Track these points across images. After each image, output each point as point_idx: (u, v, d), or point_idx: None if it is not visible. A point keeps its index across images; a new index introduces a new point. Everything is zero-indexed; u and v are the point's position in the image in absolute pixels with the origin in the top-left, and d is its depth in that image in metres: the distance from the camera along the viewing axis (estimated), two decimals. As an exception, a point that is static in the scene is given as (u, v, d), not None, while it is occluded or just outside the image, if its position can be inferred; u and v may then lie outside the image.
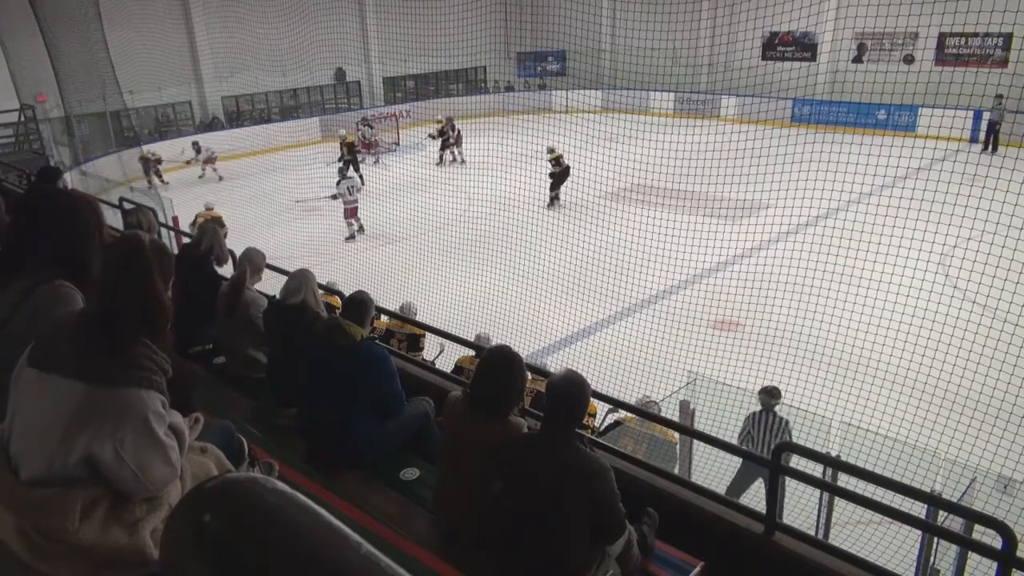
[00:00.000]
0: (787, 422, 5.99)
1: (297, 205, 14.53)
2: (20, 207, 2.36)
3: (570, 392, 2.46)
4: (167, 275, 1.82)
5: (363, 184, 15.16)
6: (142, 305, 1.73)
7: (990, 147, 18.68)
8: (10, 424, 1.70)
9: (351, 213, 14.35)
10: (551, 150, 15.69)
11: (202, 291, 4.57)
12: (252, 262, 4.31)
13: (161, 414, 1.74)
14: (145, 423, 1.69)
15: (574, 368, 2.73)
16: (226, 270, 5.82)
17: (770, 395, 6.07)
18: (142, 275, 1.74)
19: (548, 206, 15.50)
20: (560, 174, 15.61)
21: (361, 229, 14.47)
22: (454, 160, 20.62)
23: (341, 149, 17.46)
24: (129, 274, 1.74)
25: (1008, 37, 20.05)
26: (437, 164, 20.25)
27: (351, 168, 16.51)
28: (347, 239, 14.24)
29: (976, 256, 7.86)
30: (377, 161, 20.70)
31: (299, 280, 3.84)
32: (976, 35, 20.50)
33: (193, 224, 14.22)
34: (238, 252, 5.57)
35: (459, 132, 20.48)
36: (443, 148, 20.47)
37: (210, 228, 4.88)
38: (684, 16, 19.91)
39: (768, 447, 5.71)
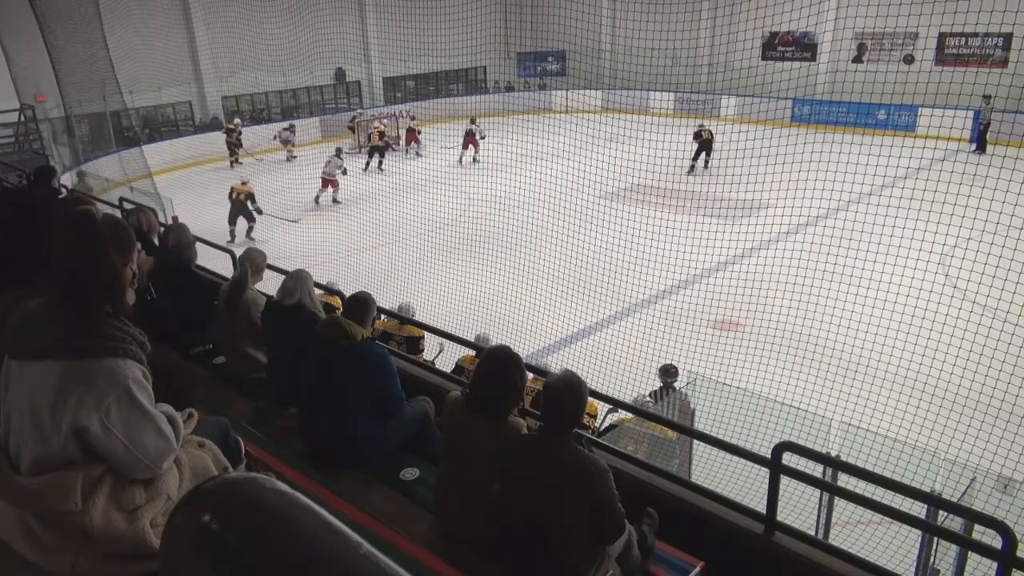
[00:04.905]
0: (686, 394, 6.34)
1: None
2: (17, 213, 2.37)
3: (567, 393, 2.46)
4: (123, 247, 1.86)
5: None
6: (102, 277, 1.77)
7: (979, 147, 18.67)
8: (6, 422, 1.72)
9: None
10: (701, 125, 18.60)
11: (197, 292, 4.58)
12: (253, 262, 4.31)
13: (142, 383, 1.76)
14: (127, 392, 1.71)
15: (574, 368, 2.73)
16: (224, 268, 5.83)
17: (668, 373, 6.61)
18: (96, 248, 1.78)
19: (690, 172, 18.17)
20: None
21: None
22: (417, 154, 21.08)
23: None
24: (84, 249, 1.78)
25: (1008, 37, 20.04)
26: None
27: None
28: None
29: (976, 256, 7.86)
30: (378, 164, 20.61)
31: (295, 281, 3.84)
32: (976, 35, 20.50)
33: (230, 195, 14.50)
34: (236, 251, 5.59)
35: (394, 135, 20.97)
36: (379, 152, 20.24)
37: (175, 228, 4.84)
38: (684, 16, 19.90)
39: (672, 418, 6.07)
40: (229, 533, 0.76)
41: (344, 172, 16.79)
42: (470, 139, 20.24)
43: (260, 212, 14.52)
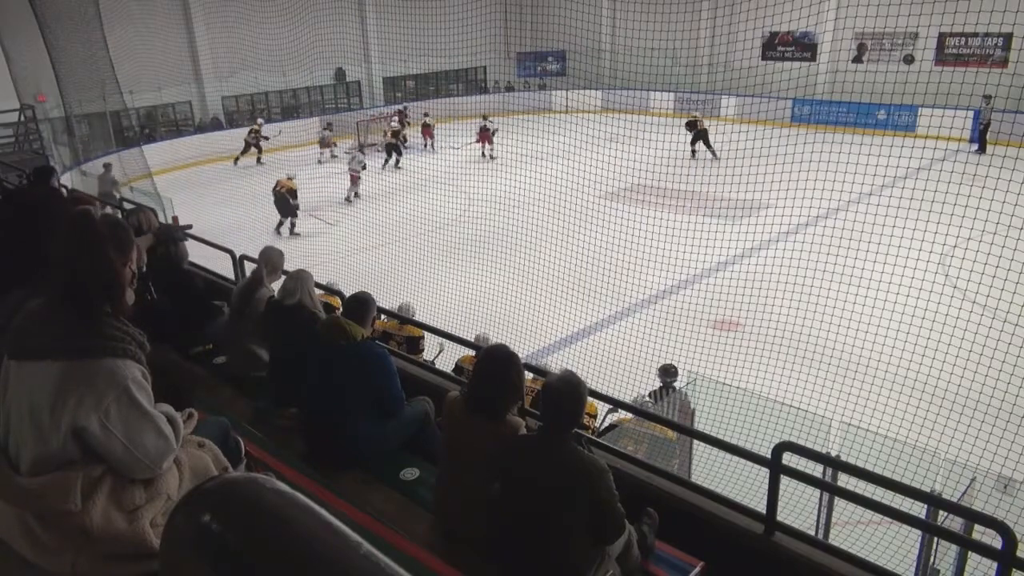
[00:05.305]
0: (686, 394, 6.36)
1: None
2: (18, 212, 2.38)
3: (567, 393, 2.46)
4: (122, 246, 1.85)
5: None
6: (101, 277, 1.77)
7: (980, 148, 18.67)
8: (5, 422, 1.72)
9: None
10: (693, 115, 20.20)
11: (194, 292, 4.58)
12: (270, 261, 4.31)
13: (142, 383, 1.76)
14: (126, 392, 1.71)
15: (574, 368, 2.73)
16: (224, 268, 5.82)
17: (667, 373, 6.66)
18: (96, 248, 1.78)
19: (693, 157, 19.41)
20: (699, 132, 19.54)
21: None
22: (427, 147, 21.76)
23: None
24: (83, 249, 1.78)
25: (1008, 37, 20.04)
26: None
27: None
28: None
29: (976, 256, 7.85)
30: (395, 162, 20.53)
31: (295, 281, 3.84)
32: (976, 35, 20.50)
33: (275, 188, 14.70)
34: (236, 251, 5.59)
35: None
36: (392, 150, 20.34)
37: (163, 230, 4.82)
38: (684, 16, 19.91)
39: (672, 418, 6.12)
40: (229, 533, 0.76)
41: (364, 167, 17.20)
42: (485, 135, 20.78)
43: (297, 209, 14.75)
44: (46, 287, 1.78)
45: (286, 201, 14.56)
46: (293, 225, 14.81)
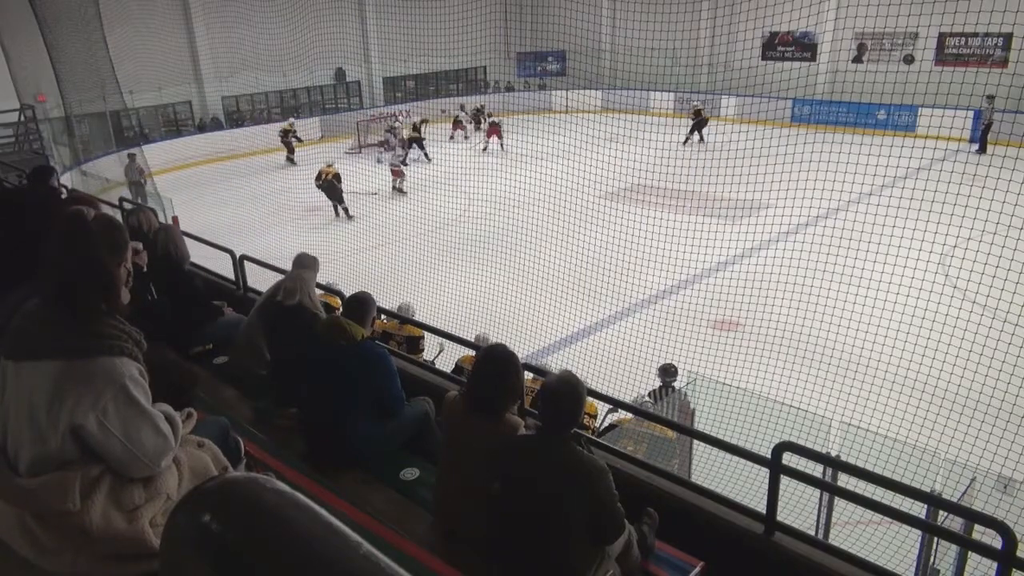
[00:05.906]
0: (686, 394, 6.40)
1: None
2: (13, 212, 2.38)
3: (565, 393, 2.45)
4: (116, 246, 1.85)
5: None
6: (94, 277, 1.77)
7: (981, 148, 18.67)
8: (4, 422, 1.72)
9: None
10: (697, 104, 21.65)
11: (194, 292, 4.58)
12: (302, 267, 4.30)
13: (139, 381, 1.76)
14: (123, 390, 1.71)
15: (574, 368, 2.73)
16: (224, 268, 5.82)
17: (667, 372, 6.72)
18: (89, 248, 1.79)
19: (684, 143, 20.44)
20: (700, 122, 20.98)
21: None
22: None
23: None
24: (77, 249, 1.78)
25: (1008, 37, 20.04)
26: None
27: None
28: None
29: (976, 256, 7.85)
30: (424, 155, 20.53)
31: (296, 281, 3.84)
32: (976, 35, 20.49)
33: (317, 178, 15.00)
34: (236, 251, 5.59)
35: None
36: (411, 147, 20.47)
37: (164, 229, 4.81)
38: (684, 16, 19.87)
39: (672, 418, 6.18)
40: (229, 533, 0.76)
41: (404, 162, 17.61)
42: (494, 129, 21.13)
43: (343, 193, 15.15)
44: (43, 287, 1.78)
45: (334, 187, 14.89)
46: (346, 210, 15.13)
